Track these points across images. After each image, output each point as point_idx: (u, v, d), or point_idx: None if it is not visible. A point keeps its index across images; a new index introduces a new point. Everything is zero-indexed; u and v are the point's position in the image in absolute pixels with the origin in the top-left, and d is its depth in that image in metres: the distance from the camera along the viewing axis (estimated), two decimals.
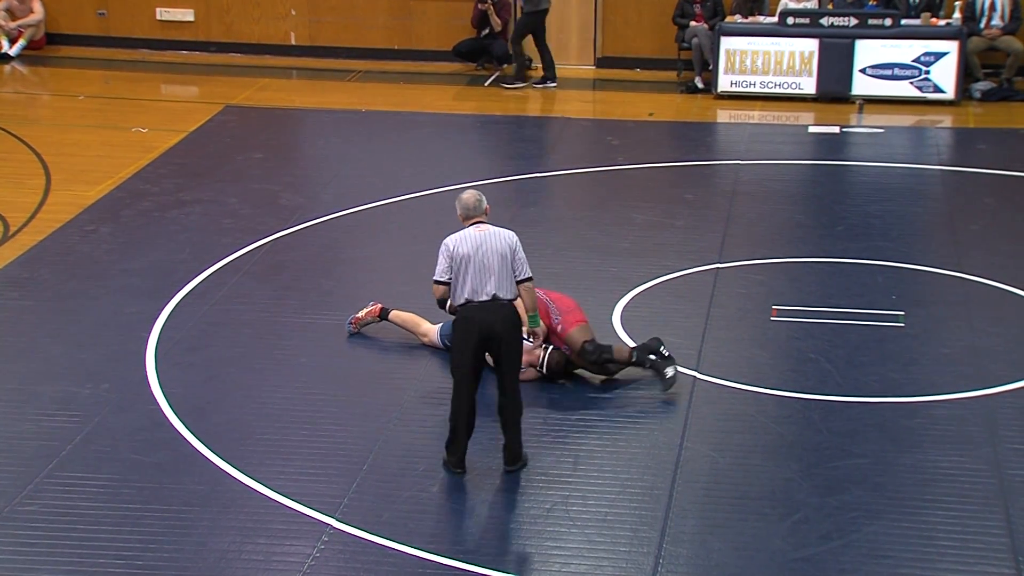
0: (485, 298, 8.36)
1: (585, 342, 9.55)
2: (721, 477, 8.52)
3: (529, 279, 8.55)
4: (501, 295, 8.39)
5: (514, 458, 8.56)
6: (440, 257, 8.48)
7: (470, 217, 8.58)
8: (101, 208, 13.36)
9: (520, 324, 8.54)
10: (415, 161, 14.92)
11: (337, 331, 10.53)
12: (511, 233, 8.54)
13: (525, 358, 9.07)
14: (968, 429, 9.04)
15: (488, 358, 8.61)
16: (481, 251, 8.38)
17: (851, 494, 8.26)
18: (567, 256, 12.02)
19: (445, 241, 8.51)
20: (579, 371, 9.77)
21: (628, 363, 9.59)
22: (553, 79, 18.30)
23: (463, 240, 8.44)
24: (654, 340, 9.63)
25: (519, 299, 8.57)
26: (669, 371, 9.44)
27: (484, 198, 8.65)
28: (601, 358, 9.53)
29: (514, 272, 8.45)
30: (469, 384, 8.49)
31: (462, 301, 8.42)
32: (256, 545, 7.77)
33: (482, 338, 8.38)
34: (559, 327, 9.65)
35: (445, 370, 9.88)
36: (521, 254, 8.51)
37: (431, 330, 10.22)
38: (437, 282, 8.49)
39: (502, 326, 8.37)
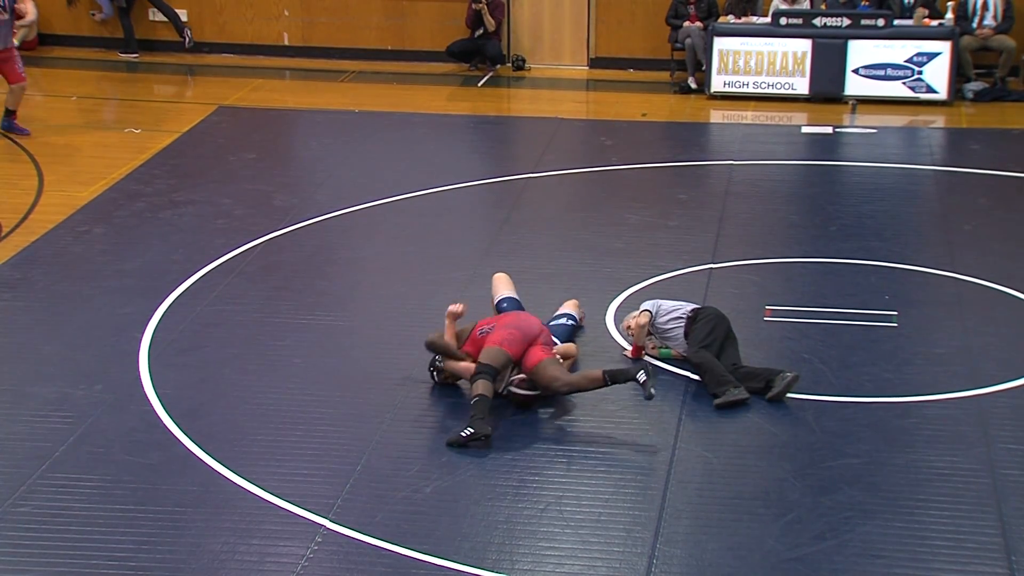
0: None
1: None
2: (714, 477, 8.52)
3: None
4: None
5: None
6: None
7: None
8: (94, 209, 13.35)
9: None
10: (409, 162, 14.92)
11: (331, 332, 10.52)
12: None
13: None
14: (961, 429, 9.05)
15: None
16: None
17: (844, 494, 8.27)
18: (560, 256, 12.02)
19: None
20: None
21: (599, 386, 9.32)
22: (133, 51, 19.78)
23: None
24: (633, 368, 9.20)
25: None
26: (641, 376, 9.16)
27: None
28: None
29: None
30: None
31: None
32: (249, 546, 7.76)
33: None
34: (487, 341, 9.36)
35: None
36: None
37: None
38: None
39: None
